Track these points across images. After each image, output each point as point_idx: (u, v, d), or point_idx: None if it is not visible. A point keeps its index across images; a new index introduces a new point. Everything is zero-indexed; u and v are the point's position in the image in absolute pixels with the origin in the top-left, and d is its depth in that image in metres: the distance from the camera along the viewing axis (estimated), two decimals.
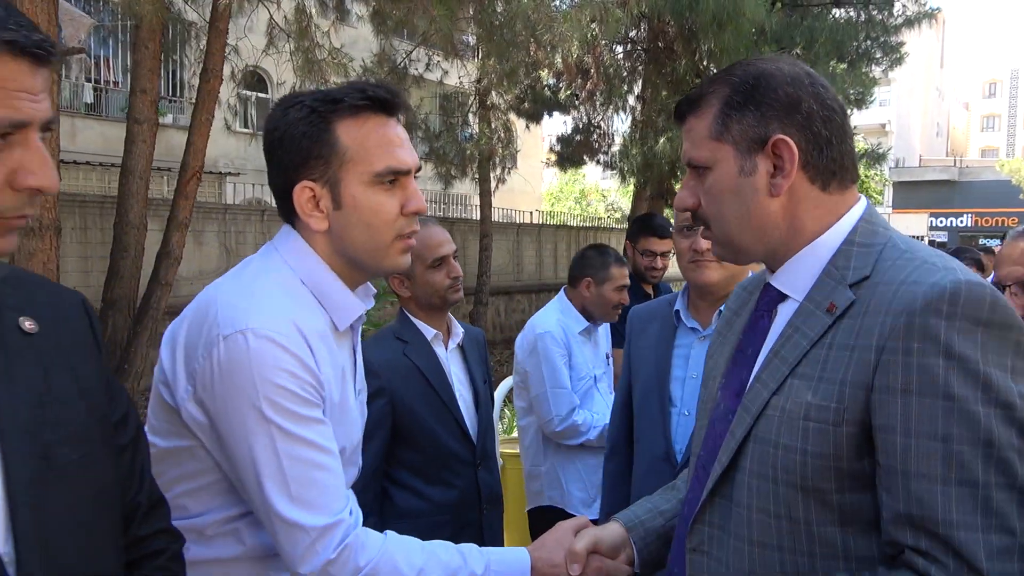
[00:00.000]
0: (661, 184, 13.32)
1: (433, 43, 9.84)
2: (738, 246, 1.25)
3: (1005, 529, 0.99)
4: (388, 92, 1.42)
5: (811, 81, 1.19)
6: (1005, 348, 1.03)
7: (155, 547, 1.15)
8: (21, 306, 1.01)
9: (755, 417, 1.17)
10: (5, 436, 0.91)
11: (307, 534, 1.29)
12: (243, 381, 1.28)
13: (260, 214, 13.28)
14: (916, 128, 48.63)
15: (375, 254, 1.44)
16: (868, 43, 13.25)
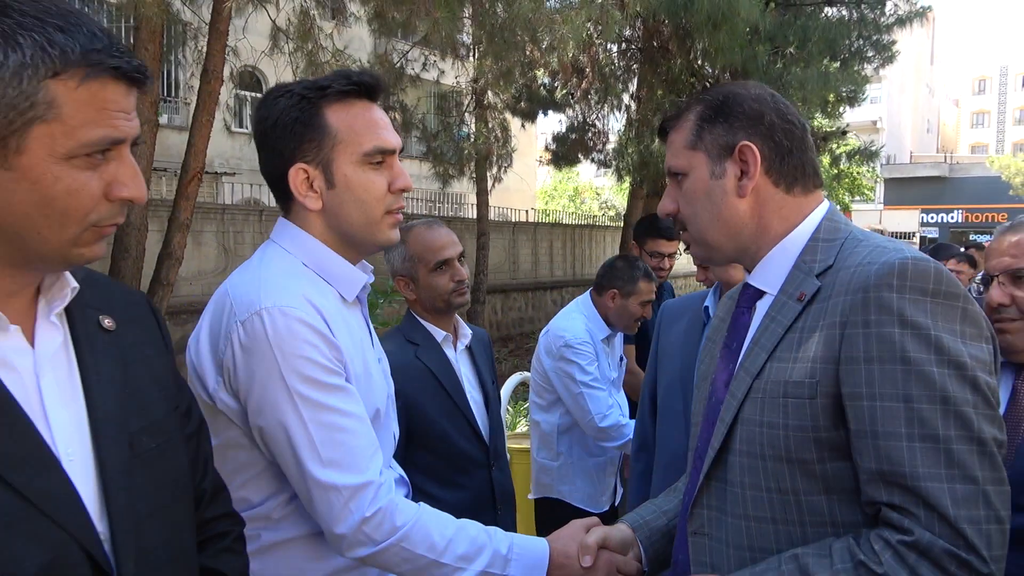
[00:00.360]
0: (657, 183, 13.40)
1: (434, 44, 9.87)
2: (711, 244, 1.39)
3: (968, 478, 1.08)
4: (372, 78, 1.53)
5: (774, 100, 1.36)
6: (953, 314, 1.13)
7: (220, 529, 1.24)
8: (100, 305, 1.09)
9: (741, 401, 1.27)
10: (97, 426, 1.00)
11: (340, 494, 1.37)
12: (265, 357, 1.37)
13: (258, 214, 13.31)
14: (907, 125, 48.90)
15: (367, 228, 1.53)
16: (860, 42, 13.33)
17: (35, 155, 0.90)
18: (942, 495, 1.08)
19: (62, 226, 0.94)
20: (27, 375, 0.96)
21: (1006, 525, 1.09)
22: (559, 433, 3.30)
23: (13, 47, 0.87)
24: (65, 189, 0.92)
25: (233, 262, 12.53)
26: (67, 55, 0.89)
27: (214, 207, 13.09)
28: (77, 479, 0.95)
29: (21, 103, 0.88)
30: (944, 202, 35.85)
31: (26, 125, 0.89)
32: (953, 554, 1.07)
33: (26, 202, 0.91)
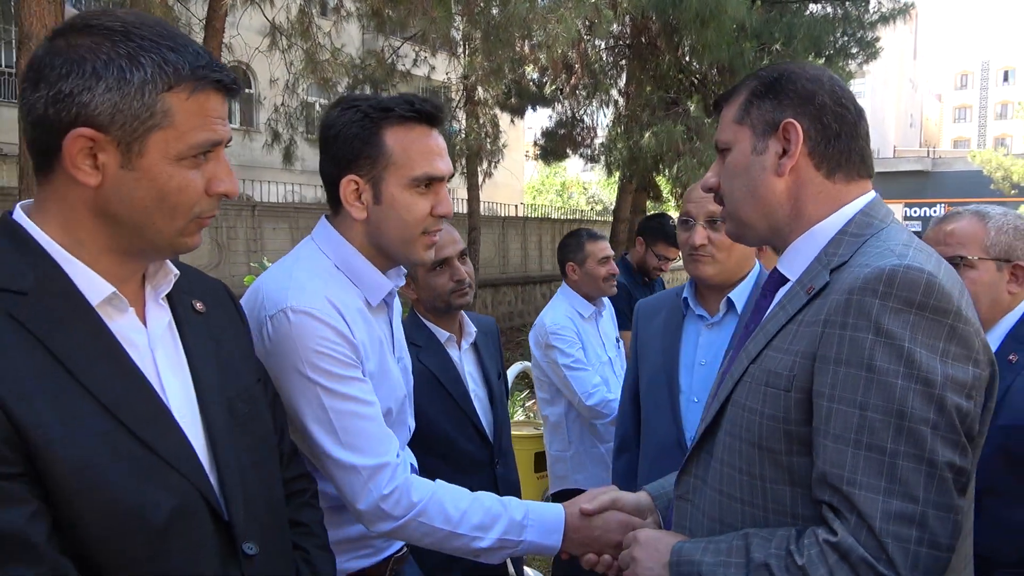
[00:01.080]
0: (645, 177, 13.58)
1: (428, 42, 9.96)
2: (744, 220, 1.36)
3: (907, 496, 1.07)
4: (433, 107, 1.63)
5: (831, 83, 1.31)
6: (937, 331, 1.09)
7: (299, 487, 1.40)
8: (191, 291, 1.25)
9: (735, 383, 1.29)
10: (202, 393, 1.16)
11: (359, 474, 1.51)
12: (288, 351, 1.49)
13: (251, 209, 13.37)
14: (890, 119, 49.35)
15: (403, 246, 1.63)
16: (845, 38, 13.56)
17: (153, 157, 1.05)
18: (874, 506, 1.07)
19: (173, 218, 1.09)
20: (144, 350, 1.12)
21: (943, 552, 1.07)
22: (568, 423, 3.40)
23: (137, 66, 1.02)
24: (177, 186, 1.08)
25: (226, 257, 12.59)
26: (179, 71, 1.05)
27: None
28: (190, 438, 1.10)
29: (143, 113, 1.03)
30: (927, 196, 36.25)
31: (146, 132, 1.04)
32: (870, 564, 1.07)
33: (146, 198, 1.06)
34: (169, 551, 1.02)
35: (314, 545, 1.37)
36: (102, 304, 1.07)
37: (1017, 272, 1.96)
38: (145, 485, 1.01)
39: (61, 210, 1.07)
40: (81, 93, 1.00)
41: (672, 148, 11.72)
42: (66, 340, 1.01)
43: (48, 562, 0.93)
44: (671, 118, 12.11)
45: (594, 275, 3.41)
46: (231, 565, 1.11)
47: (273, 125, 12.18)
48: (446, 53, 12.11)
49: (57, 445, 0.94)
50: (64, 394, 0.98)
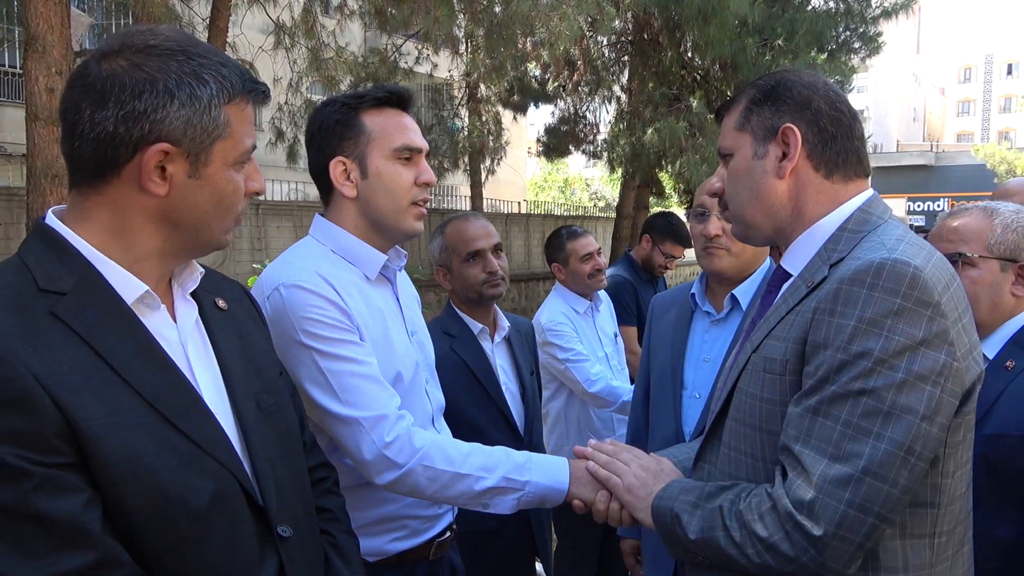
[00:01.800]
0: (648, 174, 13.59)
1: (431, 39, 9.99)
2: (749, 222, 1.43)
3: (850, 463, 1.14)
4: (403, 90, 1.80)
5: (826, 88, 1.38)
6: (917, 321, 1.15)
7: (321, 475, 1.47)
8: (213, 290, 1.32)
9: (740, 372, 1.36)
10: (232, 385, 1.22)
11: (361, 426, 1.60)
12: (284, 324, 1.60)
13: (255, 208, 13.39)
14: (893, 114, 49.26)
15: (394, 216, 1.76)
16: (847, 34, 13.54)
17: (216, 165, 1.14)
18: (817, 466, 1.16)
19: (225, 218, 1.18)
20: (176, 345, 1.18)
21: (871, 518, 1.14)
22: (567, 418, 3.44)
23: (203, 83, 1.10)
24: (232, 189, 1.16)
25: (232, 255, 12.63)
26: (234, 85, 1.14)
27: None
28: (224, 428, 1.16)
29: (210, 126, 1.11)
30: (930, 190, 36.19)
31: (212, 143, 1.12)
32: (791, 514, 1.16)
33: (208, 203, 1.15)
34: (211, 534, 1.08)
35: (339, 530, 1.43)
36: (136, 303, 1.13)
37: (1023, 273, 1.83)
38: (186, 472, 1.07)
39: (113, 218, 1.12)
40: (156, 111, 1.07)
41: (675, 144, 11.73)
42: (106, 337, 1.06)
43: (102, 547, 0.98)
44: (674, 114, 12.13)
45: (578, 273, 3.43)
46: (268, 547, 1.17)
47: (277, 124, 12.21)
48: (449, 51, 12.13)
49: (104, 437, 1.00)
50: (108, 388, 1.03)
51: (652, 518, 1.40)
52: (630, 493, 1.50)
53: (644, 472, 1.52)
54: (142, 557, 1.03)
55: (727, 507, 1.26)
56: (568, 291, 3.50)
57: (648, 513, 1.42)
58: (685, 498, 1.34)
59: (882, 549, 1.21)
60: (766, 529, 1.20)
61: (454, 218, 2.64)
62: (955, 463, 1.25)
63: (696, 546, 1.29)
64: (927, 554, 1.23)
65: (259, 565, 1.15)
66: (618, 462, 1.57)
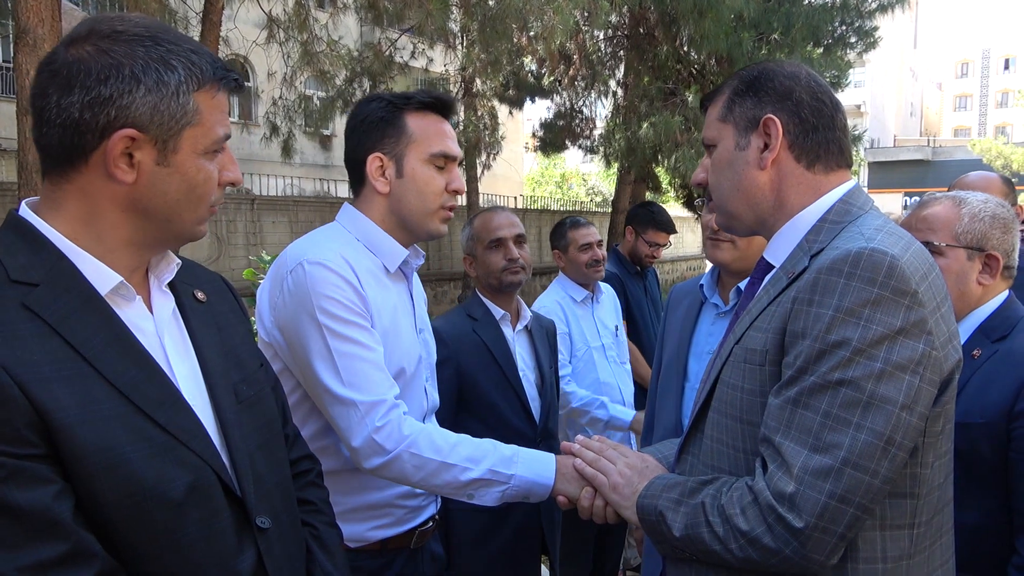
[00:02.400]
0: (644, 168, 13.59)
1: (425, 34, 9.97)
2: (732, 213, 1.43)
3: (830, 454, 1.14)
4: (448, 99, 1.87)
5: (808, 79, 1.37)
6: (895, 310, 1.15)
7: (304, 467, 1.46)
8: (192, 282, 1.31)
9: (723, 363, 1.36)
10: (209, 377, 1.21)
11: (357, 409, 1.63)
12: (303, 297, 1.65)
13: (250, 203, 13.39)
14: (891, 109, 49.28)
15: (422, 217, 1.81)
16: (843, 28, 13.55)
17: (185, 153, 1.12)
18: (797, 457, 1.16)
19: (197, 208, 1.16)
20: (152, 336, 1.17)
21: (851, 508, 1.14)
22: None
23: (171, 69, 1.09)
24: (203, 177, 1.15)
25: (226, 251, 12.62)
26: (204, 72, 1.12)
27: None
28: (202, 419, 1.15)
29: (178, 112, 1.10)
30: (927, 185, 36.16)
31: (180, 130, 1.11)
32: (772, 507, 1.16)
33: (178, 191, 1.13)
34: (187, 524, 1.08)
35: (322, 522, 1.43)
36: (110, 294, 1.12)
37: (990, 263, 1.84)
38: (161, 463, 1.06)
39: (82, 207, 1.11)
40: (122, 96, 1.06)
41: (670, 139, 11.74)
42: (79, 328, 1.05)
43: (74, 538, 0.97)
44: (669, 109, 12.12)
45: (576, 261, 3.48)
46: (246, 538, 1.17)
47: (272, 118, 12.19)
48: (443, 45, 12.10)
49: (76, 428, 0.99)
50: (80, 379, 1.02)
51: (637, 516, 1.40)
52: (615, 492, 1.50)
53: (629, 470, 1.51)
54: (116, 548, 1.02)
55: (709, 502, 1.26)
56: (568, 280, 3.54)
57: (633, 511, 1.42)
58: (668, 495, 1.34)
59: (860, 539, 1.21)
60: (748, 523, 1.19)
61: (483, 210, 2.77)
62: (934, 453, 1.25)
63: (681, 543, 1.29)
64: (905, 544, 1.23)
65: (236, 556, 1.14)
66: (604, 460, 1.57)
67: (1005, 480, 1.70)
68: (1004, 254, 1.85)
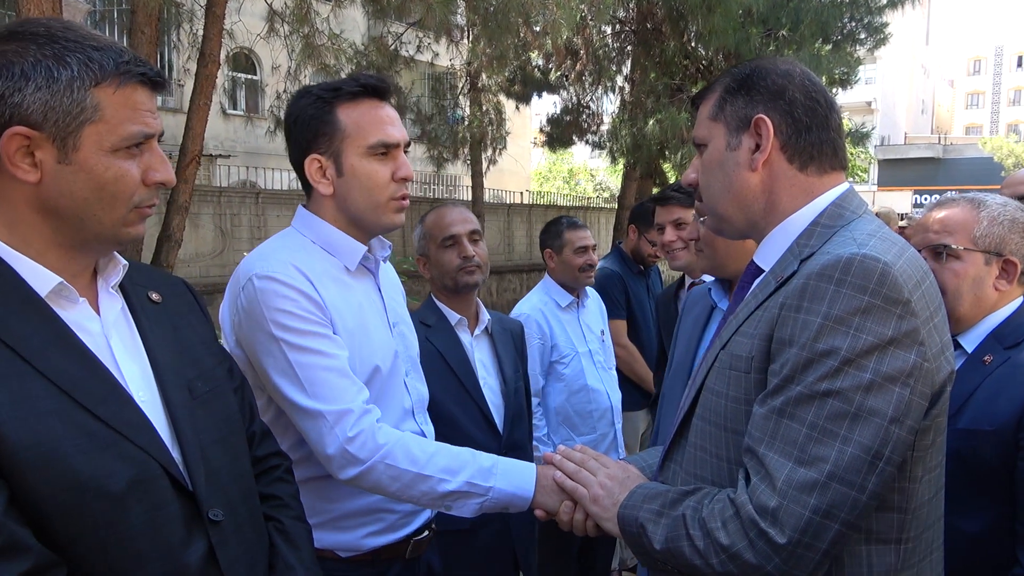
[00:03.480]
0: (650, 165, 13.51)
1: (428, 27, 9.94)
2: (722, 215, 1.39)
3: (815, 467, 1.10)
4: (379, 80, 1.74)
5: (802, 77, 1.33)
6: (886, 319, 1.11)
7: (272, 463, 1.47)
8: (146, 284, 1.32)
9: (708, 370, 1.33)
10: (160, 375, 1.22)
11: (325, 419, 1.59)
12: (256, 314, 1.61)
13: (255, 196, 13.37)
14: (901, 106, 48.93)
15: (373, 212, 1.74)
16: (852, 24, 13.41)
17: (88, 150, 1.11)
18: (781, 470, 1.12)
19: (112, 207, 1.15)
20: (98, 337, 1.18)
21: (836, 524, 1.10)
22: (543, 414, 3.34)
23: (64, 65, 1.09)
24: (113, 176, 1.13)
25: (231, 244, 12.61)
26: (104, 67, 1.11)
27: (210, 190, 13.15)
28: (150, 415, 1.16)
29: (74, 109, 1.09)
30: (938, 183, 35.93)
31: (79, 127, 1.10)
32: (754, 521, 1.12)
33: (85, 189, 1.12)
34: (129, 517, 1.08)
35: (288, 516, 1.42)
36: (52, 296, 1.13)
37: (1008, 268, 1.80)
38: (102, 456, 1.07)
39: (5, 210, 1.12)
40: (12, 95, 1.06)
41: (676, 135, 11.66)
42: (17, 328, 1.06)
43: (6, 532, 0.97)
44: (676, 105, 12.04)
45: (570, 264, 3.39)
46: (197, 531, 1.17)
47: (276, 112, 12.16)
48: (449, 40, 12.04)
49: (8, 424, 1.00)
50: (16, 377, 1.03)
51: (619, 528, 1.36)
52: (596, 504, 1.45)
53: (610, 481, 1.47)
54: (57, 541, 1.03)
55: (690, 515, 1.22)
56: (554, 284, 3.46)
57: (615, 523, 1.38)
58: (649, 506, 1.31)
59: (847, 554, 1.17)
60: (729, 537, 1.16)
61: (434, 207, 2.62)
62: (923, 467, 1.20)
63: (662, 556, 1.25)
64: (892, 560, 1.19)
65: (184, 548, 1.15)
66: (584, 471, 1.53)
67: (1010, 489, 1.65)
68: (1022, 259, 1.81)
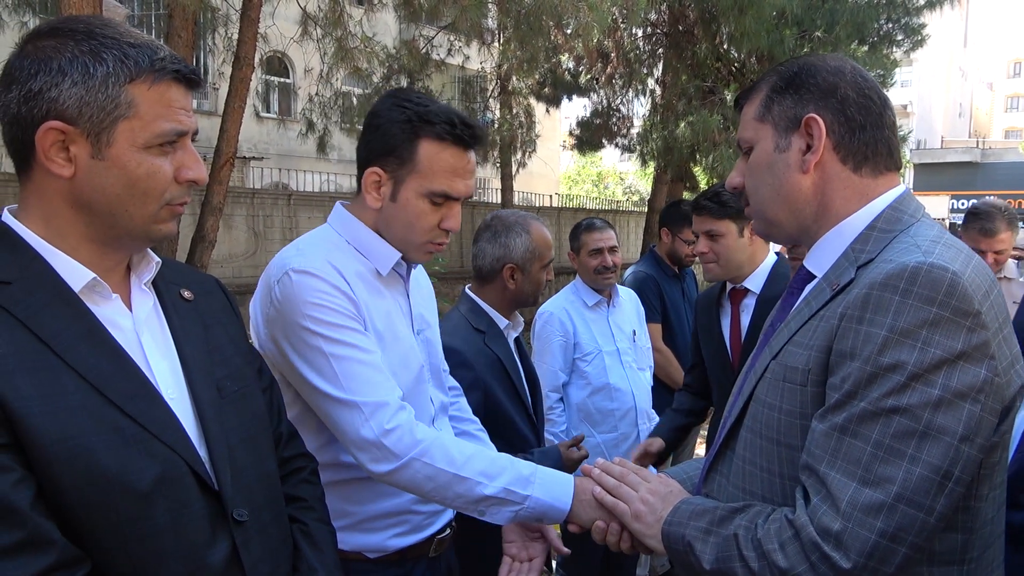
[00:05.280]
0: (681, 168, 13.40)
1: (460, 30, 9.98)
2: (771, 220, 1.33)
3: (881, 488, 1.05)
4: (473, 132, 1.70)
5: (853, 73, 1.27)
6: (955, 332, 1.06)
7: (297, 465, 1.46)
8: (179, 281, 1.33)
9: (758, 379, 1.28)
10: (190, 371, 1.22)
11: (360, 411, 1.56)
12: (293, 308, 1.59)
13: (287, 198, 13.53)
14: (938, 109, 48.01)
15: (405, 245, 1.74)
16: (889, 25, 13.17)
17: (121, 146, 1.12)
18: (844, 491, 1.07)
19: (144, 204, 1.15)
20: (129, 333, 1.18)
21: (903, 547, 1.05)
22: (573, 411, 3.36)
23: (100, 61, 1.10)
24: (145, 172, 1.14)
25: (263, 246, 12.76)
26: (139, 64, 1.12)
27: (244, 191, 13.33)
28: (178, 414, 1.16)
29: (108, 105, 1.10)
30: (976, 188, 35.12)
31: (113, 123, 1.11)
32: (816, 544, 1.08)
33: (117, 184, 1.13)
34: (154, 515, 1.09)
35: (313, 518, 1.42)
36: (85, 291, 1.14)
37: None
38: (129, 453, 1.07)
39: (41, 204, 1.14)
40: (49, 89, 1.08)
41: (708, 138, 11.55)
42: (50, 322, 1.07)
43: (31, 525, 0.98)
44: (707, 107, 11.93)
45: (586, 266, 3.40)
46: (221, 531, 1.17)
47: (308, 115, 12.28)
48: (480, 43, 12.07)
49: (37, 417, 1.01)
50: (47, 371, 1.04)
51: (664, 545, 1.32)
52: (638, 520, 1.40)
53: (652, 496, 1.42)
54: (80, 536, 1.04)
55: (743, 534, 1.18)
56: (582, 284, 3.47)
57: (659, 540, 1.34)
58: (696, 523, 1.26)
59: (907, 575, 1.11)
60: (788, 560, 1.11)
61: (536, 220, 2.57)
62: (989, 485, 1.15)
63: (712, 575, 1.21)
64: None
65: (207, 548, 1.15)
66: (625, 487, 1.47)
67: None
68: None
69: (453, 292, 14.67)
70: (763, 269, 2.79)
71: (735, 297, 2.87)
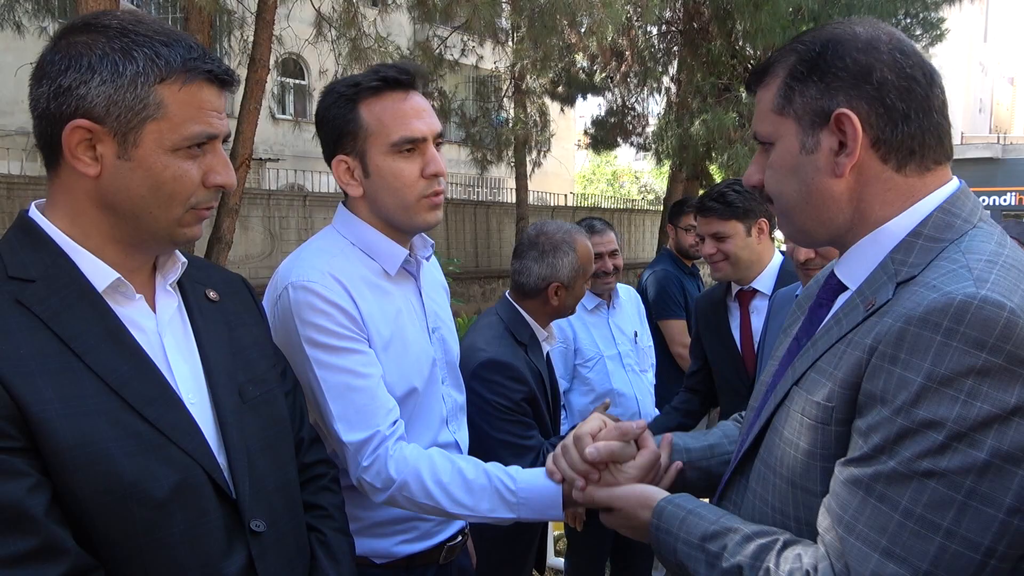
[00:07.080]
0: (696, 166, 13.32)
1: (474, 30, 9.99)
2: (799, 227, 1.16)
3: (907, 563, 0.91)
4: (399, 71, 1.64)
5: (891, 47, 1.05)
6: (1009, 384, 0.88)
7: (318, 472, 1.44)
8: (204, 281, 1.30)
9: (777, 404, 1.14)
10: (212, 375, 1.20)
11: (347, 448, 1.57)
12: (290, 326, 1.57)
13: (302, 199, 13.60)
14: (958, 104, 47.42)
15: (403, 213, 1.66)
16: (907, 20, 13.04)
17: (148, 148, 1.09)
18: (865, 563, 0.93)
19: (169, 207, 1.13)
20: (152, 335, 1.16)
21: None
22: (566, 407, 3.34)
23: (130, 60, 1.07)
24: (172, 175, 1.11)
25: (279, 246, 12.83)
26: (171, 64, 1.09)
27: (260, 193, 13.41)
28: (198, 419, 1.14)
29: (136, 105, 1.08)
30: (996, 184, 34.67)
31: (141, 123, 1.08)
32: None
33: (142, 187, 1.11)
34: (171, 524, 1.06)
35: (331, 527, 1.39)
36: (109, 291, 1.12)
37: None
38: (147, 459, 1.05)
39: (67, 202, 1.12)
40: (79, 87, 1.06)
41: (723, 136, 11.48)
42: (71, 323, 1.05)
43: (45, 533, 0.96)
44: (723, 105, 11.85)
45: None
46: (238, 541, 1.14)
47: None
48: (493, 42, 12.07)
49: (56, 422, 0.99)
50: (67, 373, 1.02)
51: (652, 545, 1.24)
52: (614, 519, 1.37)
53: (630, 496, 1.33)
54: (95, 544, 1.01)
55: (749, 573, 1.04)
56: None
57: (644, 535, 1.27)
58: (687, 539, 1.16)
59: None
60: None
61: (580, 234, 2.50)
62: None
63: None
64: None
65: (223, 559, 1.12)
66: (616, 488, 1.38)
67: None
68: None
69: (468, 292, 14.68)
70: (771, 269, 2.74)
71: (743, 298, 2.81)
